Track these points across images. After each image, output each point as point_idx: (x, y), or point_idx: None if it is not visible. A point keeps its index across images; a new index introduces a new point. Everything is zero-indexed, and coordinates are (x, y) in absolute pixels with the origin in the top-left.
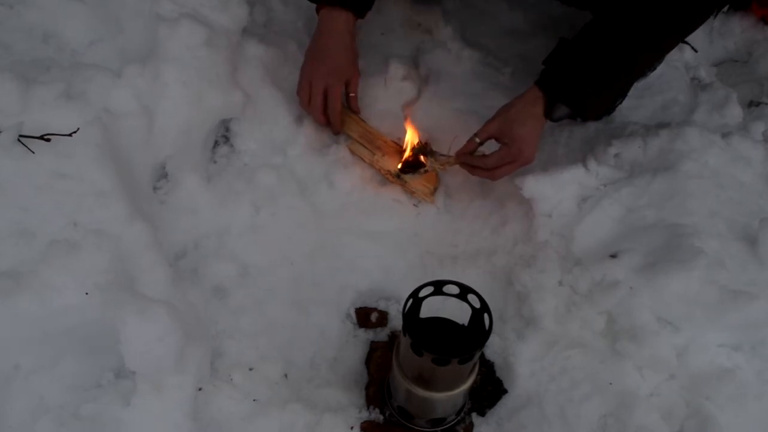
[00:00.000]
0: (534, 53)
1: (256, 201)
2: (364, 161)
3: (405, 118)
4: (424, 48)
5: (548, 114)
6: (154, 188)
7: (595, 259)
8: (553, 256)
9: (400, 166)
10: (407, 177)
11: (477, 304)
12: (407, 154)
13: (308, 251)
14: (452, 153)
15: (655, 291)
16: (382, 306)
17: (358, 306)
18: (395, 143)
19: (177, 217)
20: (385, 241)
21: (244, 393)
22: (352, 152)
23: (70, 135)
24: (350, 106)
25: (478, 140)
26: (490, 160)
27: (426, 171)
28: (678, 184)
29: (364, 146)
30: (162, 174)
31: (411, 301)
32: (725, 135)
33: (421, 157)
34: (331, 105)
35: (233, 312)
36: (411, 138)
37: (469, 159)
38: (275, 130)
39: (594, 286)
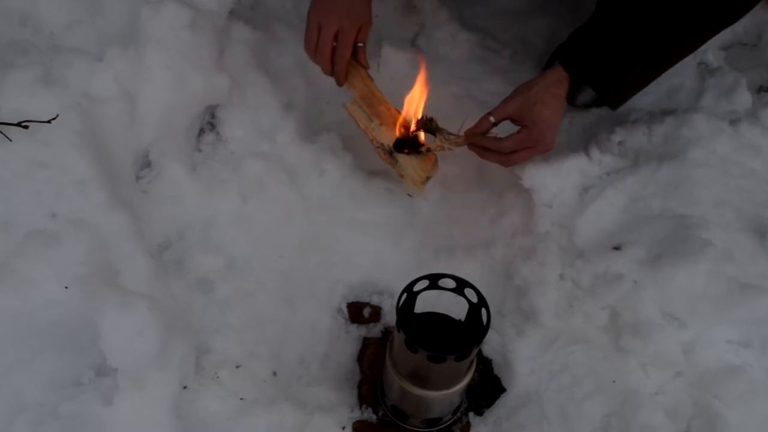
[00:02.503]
0: (534, 35)
1: (243, 190)
2: (359, 126)
3: (419, 77)
4: (419, 31)
5: (571, 98)
6: (137, 177)
7: (598, 252)
8: (554, 248)
9: (394, 142)
10: (401, 157)
11: (474, 299)
12: (406, 126)
13: (298, 243)
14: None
15: (661, 284)
16: (375, 300)
17: (349, 300)
18: (400, 114)
19: (160, 207)
20: (378, 233)
21: (230, 391)
22: (350, 113)
23: (48, 122)
24: (357, 59)
25: (492, 120)
26: (507, 143)
27: (426, 151)
28: (684, 173)
29: (363, 109)
30: (145, 162)
31: (405, 295)
32: (734, 122)
33: (421, 135)
34: (339, 51)
35: (219, 306)
36: (413, 107)
37: (481, 140)
38: (263, 116)
39: (596, 280)
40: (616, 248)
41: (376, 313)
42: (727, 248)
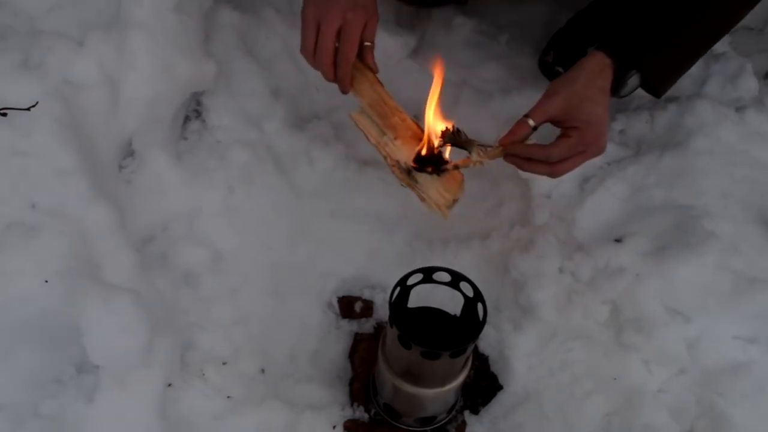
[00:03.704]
0: (532, 19)
1: (230, 180)
2: (369, 141)
3: (434, 82)
4: (412, 16)
5: (616, 88)
6: (120, 167)
7: (599, 244)
8: (553, 240)
9: (414, 159)
10: (421, 177)
11: (470, 293)
12: (425, 142)
13: (287, 235)
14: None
15: (664, 278)
16: (367, 295)
17: (341, 295)
18: (417, 125)
19: (144, 198)
20: (370, 224)
21: (216, 389)
22: (357, 124)
23: (27, 109)
24: (364, 60)
25: (532, 123)
26: (557, 150)
27: (453, 168)
28: (688, 162)
29: (373, 120)
30: (128, 151)
31: (398, 289)
32: (739, 109)
33: (446, 151)
34: (343, 50)
35: (205, 301)
36: (432, 119)
37: (523, 149)
38: (250, 103)
39: (597, 273)
40: (617, 240)
41: (368, 307)
42: (733, 240)
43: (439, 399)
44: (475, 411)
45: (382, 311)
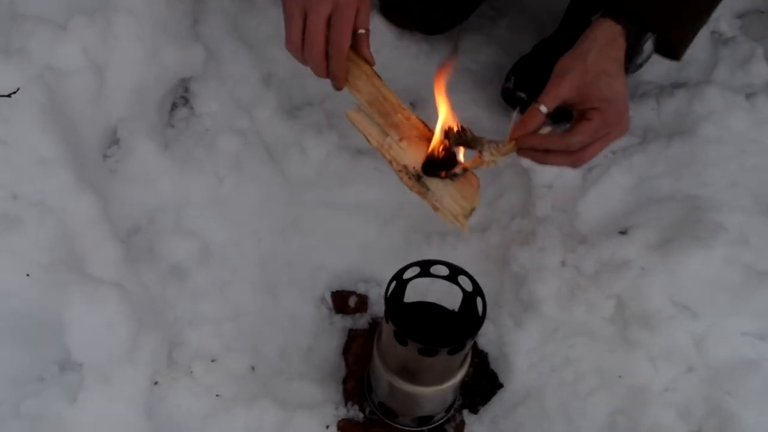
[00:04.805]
0: (534, 2)
1: (220, 170)
2: (369, 143)
3: (436, 82)
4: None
5: (631, 57)
6: (104, 156)
7: (603, 236)
8: (555, 232)
9: (423, 163)
10: (433, 183)
11: (469, 287)
12: (436, 142)
13: (278, 227)
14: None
15: (671, 272)
16: (361, 289)
17: (334, 289)
18: (423, 123)
19: (130, 188)
20: (365, 216)
21: (205, 387)
22: (354, 124)
23: (8, 96)
24: (358, 50)
25: (544, 110)
26: (577, 137)
27: (463, 172)
28: (696, 151)
29: (373, 119)
30: (113, 140)
31: (394, 283)
32: (749, 95)
33: (460, 152)
34: (336, 40)
35: (193, 296)
36: (444, 118)
37: (540, 141)
38: (240, 89)
39: (601, 267)
40: (622, 232)
41: (363, 302)
42: (743, 232)
43: (437, 397)
44: (474, 410)
45: (377, 306)
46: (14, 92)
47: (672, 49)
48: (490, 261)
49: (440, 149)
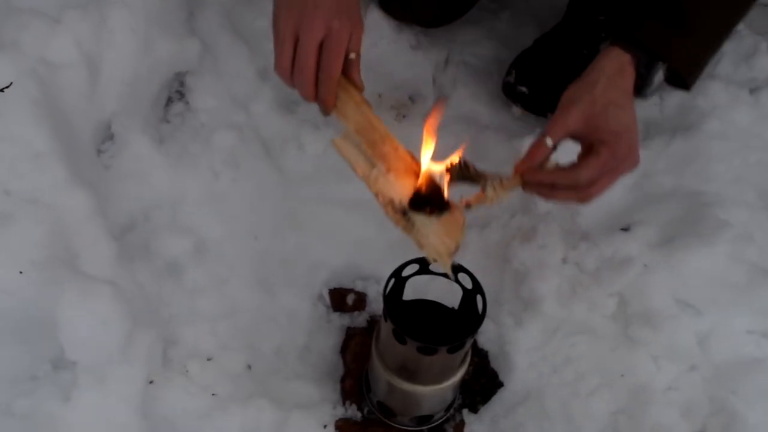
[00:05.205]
0: None
1: (215, 165)
2: (355, 172)
3: (426, 126)
4: None
5: (640, 87)
6: (98, 151)
7: (604, 233)
8: (556, 229)
9: (411, 199)
10: (419, 219)
11: (468, 285)
12: (424, 178)
13: (275, 223)
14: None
15: (674, 269)
16: (359, 286)
17: (332, 286)
18: (411, 156)
19: (124, 184)
20: (363, 212)
21: (201, 386)
22: (340, 152)
23: (1, 90)
24: (348, 75)
25: (550, 143)
26: (585, 172)
27: (448, 212)
28: (699, 146)
29: (360, 148)
30: (107, 135)
31: (393, 281)
32: (753, 90)
33: (445, 186)
34: (327, 66)
35: (189, 293)
36: (430, 155)
37: (545, 176)
38: (237, 84)
39: (603, 264)
40: (625, 229)
41: (361, 300)
42: (747, 229)
43: (436, 397)
44: (474, 409)
45: (375, 304)
46: (7, 86)
47: (682, 80)
48: (490, 258)
49: (427, 185)
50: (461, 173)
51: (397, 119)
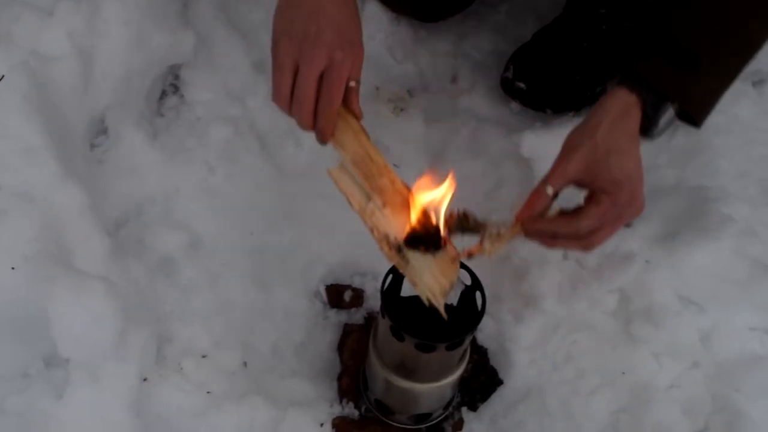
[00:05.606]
0: None
1: (210, 160)
2: (350, 205)
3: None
4: None
5: (647, 129)
6: (91, 145)
7: None
8: None
9: (406, 237)
10: (414, 257)
11: (467, 281)
12: (417, 217)
13: (271, 218)
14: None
15: (676, 265)
16: (356, 282)
17: (328, 283)
18: (408, 190)
19: (117, 179)
20: None
21: (195, 384)
22: (336, 183)
23: None
24: (347, 104)
25: (551, 191)
26: (586, 221)
27: (444, 251)
28: (702, 141)
29: (356, 180)
30: (100, 128)
31: (391, 276)
32: (757, 83)
33: (442, 228)
34: (328, 97)
35: (183, 290)
36: (427, 197)
37: (546, 225)
38: (232, 77)
39: (604, 260)
40: (626, 224)
41: (358, 296)
42: (750, 224)
43: (435, 394)
44: (473, 407)
45: (373, 300)
46: None
47: (691, 118)
48: None
49: (423, 223)
50: (461, 225)
51: (395, 113)
